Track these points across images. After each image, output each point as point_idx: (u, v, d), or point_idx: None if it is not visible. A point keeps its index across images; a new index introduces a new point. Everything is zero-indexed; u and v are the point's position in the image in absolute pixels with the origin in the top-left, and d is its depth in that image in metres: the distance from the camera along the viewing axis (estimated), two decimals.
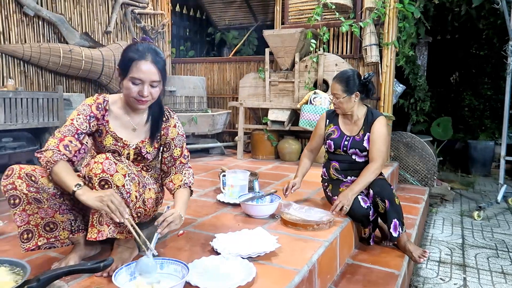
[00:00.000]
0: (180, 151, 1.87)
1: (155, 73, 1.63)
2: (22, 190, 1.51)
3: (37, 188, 1.54)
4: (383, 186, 2.37)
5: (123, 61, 1.64)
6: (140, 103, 1.67)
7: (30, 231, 1.58)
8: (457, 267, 2.80)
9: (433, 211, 4.13)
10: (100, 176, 1.50)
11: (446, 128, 6.15)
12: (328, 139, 2.59)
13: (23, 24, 3.96)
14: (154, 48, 1.67)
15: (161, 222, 1.58)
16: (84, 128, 1.63)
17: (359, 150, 2.49)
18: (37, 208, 1.57)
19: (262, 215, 2.37)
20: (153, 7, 5.50)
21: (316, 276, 1.81)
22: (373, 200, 2.36)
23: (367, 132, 2.48)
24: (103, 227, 1.53)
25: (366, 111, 2.55)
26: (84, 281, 1.54)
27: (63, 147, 1.55)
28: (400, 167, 4.55)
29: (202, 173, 3.75)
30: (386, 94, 4.31)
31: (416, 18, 4.41)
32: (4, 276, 1.16)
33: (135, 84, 1.62)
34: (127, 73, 1.62)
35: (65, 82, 4.41)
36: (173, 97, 4.76)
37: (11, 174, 1.51)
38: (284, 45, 4.52)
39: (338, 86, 2.47)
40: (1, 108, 3.00)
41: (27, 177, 1.52)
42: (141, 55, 1.61)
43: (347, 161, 2.54)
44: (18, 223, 1.56)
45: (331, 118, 2.66)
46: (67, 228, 1.67)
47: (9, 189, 1.50)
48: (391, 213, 2.29)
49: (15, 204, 1.53)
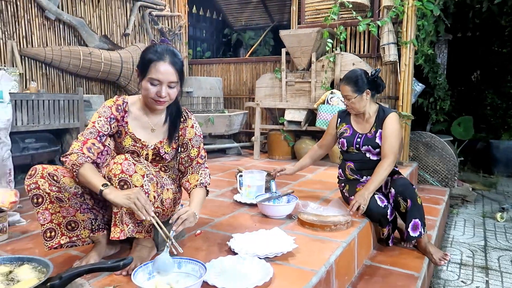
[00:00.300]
0: (197, 152, 1.88)
1: (172, 74, 1.66)
2: (45, 189, 1.56)
3: (59, 187, 1.58)
4: (405, 185, 2.34)
5: (142, 63, 1.67)
6: (158, 103, 1.69)
7: (53, 230, 1.63)
8: (479, 269, 2.74)
9: (454, 212, 4.04)
10: (119, 177, 1.53)
11: (467, 128, 6.01)
12: (341, 138, 2.59)
13: (44, 28, 4.06)
14: (172, 49, 1.70)
15: (176, 220, 1.59)
16: (105, 130, 1.68)
17: (372, 147, 2.47)
18: (59, 207, 1.62)
19: (279, 216, 2.37)
20: (170, 9, 5.56)
21: (334, 277, 1.80)
22: (395, 199, 2.34)
23: (379, 129, 2.47)
24: (123, 226, 1.56)
25: (377, 108, 2.54)
26: (104, 279, 1.57)
27: (87, 150, 1.60)
28: (419, 167, 4.47)
29: (218, 173, 3.77)
30: (405, 93, 4.25)
31: (436, 15, 4.33)
32: (28, 273, 1.19)
33: (153, 85, 1.65)
34: (145, 74, 1.65)
35: (85, 84, 4.50)
36: (190, 98, 4.80)
37: (34, 173, 1.56)
38: (301, 45, 4.50)
39: (347, 87, 2.46)
40: (24, 109, 3.08)
41: (49, 176, 1.57)
42: (159, 57, 1.64)
43: (362, 160, 2.52)
44: (41, 221, 1.61)
45: (343, 117, 2.66)
46: (88, 227, 1.71)
47: (33, 188, 1.56)
48: (412, 213, 2.26)
49: (38, 203, 1.58)
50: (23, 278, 1.16)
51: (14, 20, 3.79)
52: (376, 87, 2.50)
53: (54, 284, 1.12)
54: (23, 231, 2.19)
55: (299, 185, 3.32)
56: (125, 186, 1.54)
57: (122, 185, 1.54)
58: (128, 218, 1.57)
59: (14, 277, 1.17)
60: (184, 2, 5.79)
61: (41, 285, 1.11)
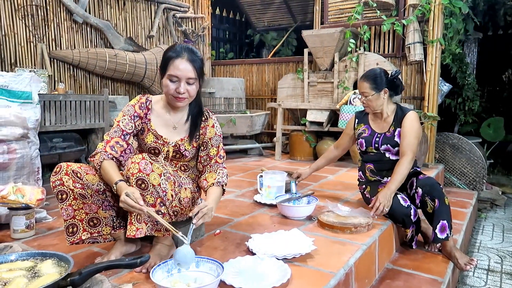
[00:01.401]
0: (216, 151, 1.90)
1: (190, 71, 1.69)
2: (69, 186, 1.62)
3: (82, 184, 1.64)
4: (433, 184, 2.29)
5: (162, 61, 1.73)
6: (178, 100, 1.73)
7: (75, 225, 1.68)
8: (508, 276, 2.63)
9: (482, 216, 3.90)
10: (137, 176, 1.56)
11: (498, 129, 5.78)
12: (359, 138, 2.56)
13: (73, 31, 4.19)
14: (190, 47, 1.74)
15: (196, 213, 1.60)
16: (129, 129, 1.75)
17: (391, 146, 2.44)
18: (82, 204, 1.67)
19: (299, 217, 2.35)
20: (194, 11, 5.62)
21: (353, 280, 1.77)
22: (422, 199, 2.29)
23: (398, 127, 2.44)
24: (141, 225, 1.58)
25: (395, 108, 2.51)
26: (124, 276, 1.60)
27: (110, 148, 1.67)
28: (445, 169, 4.34)
29: (239, 174, 3.78)
30: (431, 93, 4.14)
31: (464, 13, 4.20)
32: (50, 268, 1.23)
33: (172, 82, 1.70)
34: (165, 72, 1.71)
35: (111, 85, 4.60)
36: (213, 98, 4.84)
37: (59, 171, 1.63)
38: (323, 45, 4.46)
39: (366, 84, 2.44)
40: (52, 110, 3.19)
41: (73, 173, 1.63)
42: (177, 54, 1.69)
43: (381, 160, 2.49)
44: (64, 217, 1.67)
45: (360, 117, 2.64)
46: (109, 224, 1.75)
47: (57, 184, 1.62)
48: (440, 213, 2.20)
49: (62, 199, 1.64)
50: (45, 272, 1.19)
51: (44, 23, 3.93)
52: (394, 87, 2.47)
53: (74, 280, 1.15)
54: (49, 227, 2.26)
55: (320, 186, 3.28)
56: (142, 185, 1.56)
57: (140, 184, 1.56)
58: (146, 216, 1.59)
59: (37, 271, 1.20)
60: (207, 4, 5.85)
61: (61, 280, 1.14)
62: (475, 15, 4.75)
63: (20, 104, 2.65)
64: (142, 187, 1.56)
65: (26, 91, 2.69)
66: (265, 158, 4.78)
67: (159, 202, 1.60)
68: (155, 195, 1.59)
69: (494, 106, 6.45)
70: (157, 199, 1.60)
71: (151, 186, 1.56)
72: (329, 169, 4.01)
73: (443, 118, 4.72)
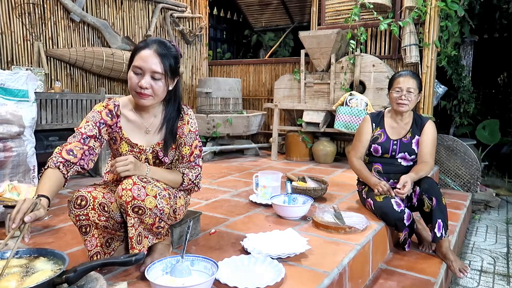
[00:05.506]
0: (190, 150, 1.74)
1: (156, 64, 1.54)
2: (94, 220, 1.56)
3: (107, 217, 1.59)
4: (431, 184, 2.31)
5: (131, 53, 1.61)
6: (140, 96, 1.56)
7: (99, 253, 1.63)
8: (501, 277, 2.65)
9: (476, 218, 3.93)
10: (132, 204, 1.50)
11: (493, 131, 5.82)
12: (375, 143, 2.50)
13: (70, 30, 4.18)
14: (163, 41, 1.61)
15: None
16: (90, 132, 1.59)
17: (408, 153, 2.44)
18: (103, 232, 1.64)
19: (294, 217, 2.36)
20: (191, 10, 5.63)
21: (347, 279, 1.78)
22: (419, 197, 2.31)
23: (416, 135, 2.45)
24: (141, 245, 1.58)
25: (413, 114, 2.53)
26: (119, 274, 1.61)
27: (66, 152, 1.52)
28: (440, 171, 4.37)
29: (236, 174, 3.79)
30: (426, 95, 4.17)
31: (460, 16, 4.23)
32: (45, 265, 1.23)
33: (136, 74, 1.55)
34: (131, 64, 1.58)
35: (107, 84, 4.60)
36: (209, 98, 4.85)
37: (85, 205, 1.53)
38: (320, 46, 4.48)
39: (414, 81, 2.42)
40: (48, 108, 3.19)
41: (100, 207, 1.56)
42: (145, 45, 1.57)
43: (392, 163, 2.49)
44: (88, 247, 1.60)
45: (376, 121, 2.56)
46: (120, 239, 1.75)
47: (82, 219, 1.54)
48: (437, 213, 2.21)
49: (86, 232, 1.58)
50: (40, 270, 1.20)
51: (41, 22, 3.92)
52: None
53: (69, 277, 1.16)
54: (45, 225, 2.26)
55: None
56: (139, 211, 1.51)
57: (137, 211, 1.52)
58: (146, 232, 1.60)
59: (30, 269, 1.21)
60: (205, 4, 5.86)
61: (56, 277, 1.14)
62: (471, 18, 4.78)
63: (17, 102, 2.65)
64: (139, 213, 1.52)
65: (22, 89, 2.69)
66: (261, 159, 4.80)
67: (157, 220, 1.58)
68: (153, 216, 1.55)
69: (489, 109, 6.50)
70: (156, 218, 1.57)
71: (148, 210, 1.53)
72: (325, 170, 4.03)
73: (439, 120, 4.75)
